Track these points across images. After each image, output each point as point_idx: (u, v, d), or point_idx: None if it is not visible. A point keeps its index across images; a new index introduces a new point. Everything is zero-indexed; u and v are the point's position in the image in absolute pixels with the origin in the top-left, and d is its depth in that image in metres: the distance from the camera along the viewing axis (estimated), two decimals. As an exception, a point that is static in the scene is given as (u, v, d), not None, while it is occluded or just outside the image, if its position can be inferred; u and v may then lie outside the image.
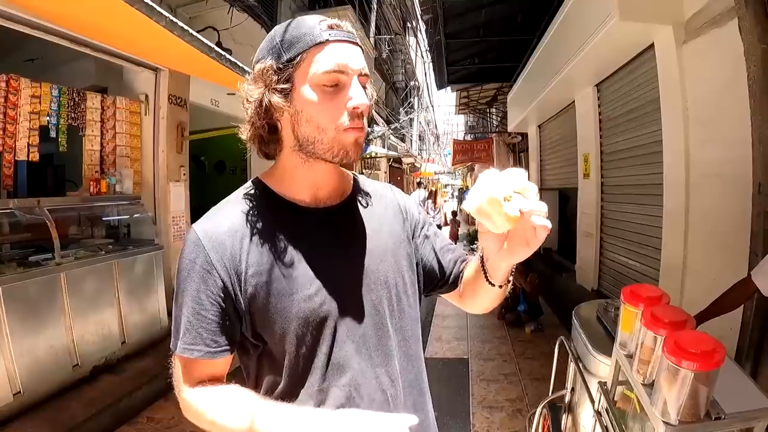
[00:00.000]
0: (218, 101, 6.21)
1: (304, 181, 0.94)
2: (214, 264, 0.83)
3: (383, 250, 0.97)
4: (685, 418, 1.22)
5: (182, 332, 0.84)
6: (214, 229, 0.86)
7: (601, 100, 4.96)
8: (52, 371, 3.17)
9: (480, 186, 0.71)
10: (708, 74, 2.82)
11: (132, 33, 2.80)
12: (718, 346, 1.18)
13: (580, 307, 2.41)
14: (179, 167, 4.99)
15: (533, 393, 3.68)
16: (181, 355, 0.85)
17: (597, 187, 5.10)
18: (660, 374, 1.28)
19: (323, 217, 0.94)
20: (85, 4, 2.27)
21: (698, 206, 2.95)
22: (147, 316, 4.16)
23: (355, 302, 0.90)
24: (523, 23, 6.41)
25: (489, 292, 0.93)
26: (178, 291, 0.86)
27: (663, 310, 1.41)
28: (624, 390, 1.65)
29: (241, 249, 0.85)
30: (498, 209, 0.69)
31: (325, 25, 0.84)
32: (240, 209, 0.90)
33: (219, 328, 0.84)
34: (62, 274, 3.28)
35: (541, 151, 8.52)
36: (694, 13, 2.86)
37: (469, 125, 21.21)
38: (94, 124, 4.07)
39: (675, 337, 1.22)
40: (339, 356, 0.87)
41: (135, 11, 2.04)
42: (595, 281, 5.25)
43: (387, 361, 0.92)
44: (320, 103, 0.83)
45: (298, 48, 0.83)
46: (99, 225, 4.28)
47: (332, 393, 0.86)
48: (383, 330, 0.93)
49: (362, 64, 0.86)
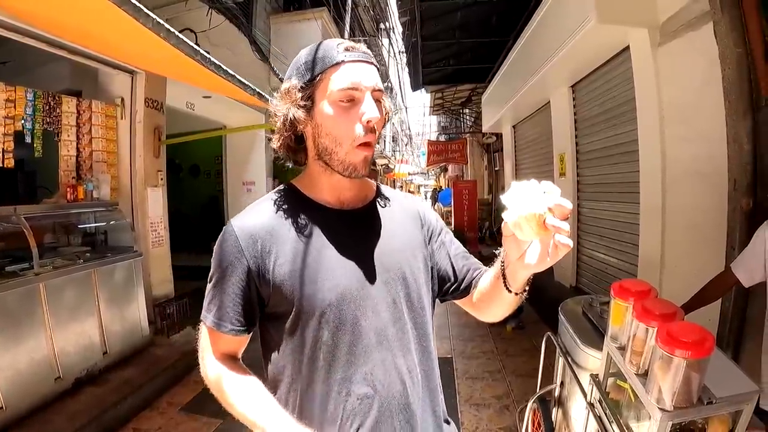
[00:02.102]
0: (194, 104, 6.13)
1: (328, 186, 1.03)
2: (245, 253, 0.94)
3: (401, 250, 1.04)
4: (680, 404, 1.29)
5: (214, 308, 0.96)
6: (247, 223, 0.97)
7: (577, 101, 5.09)
8: (34, 385, 3.08)
9: (519, 197, 0.75)
10: (683, 75, 2.93)
11: (113, 34, 2.75)
12: (707, 334, 1.25)
13: (565, 304, 2.47)
14: (156, 172, 4.90)
15: (519, 389, 3.74)
16: (210, 326, 0.97)
17: (573, 185, 5.22)
18: (654, 364, 1.34)
19: (347, 218, 1.03)
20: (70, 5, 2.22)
21: (675, 203, 3.06)
22: (128, 325, 4.06)
23: (375, 295, 0.97)
24: (498, 25, 6.52)
25: (504, 299, 0.97)
26: (213, 272, 0.98)
27: (653, 302, 1.47)
28: (616, 381, 1.71)
29: (270, 241, 0.95)
30: (532, 223, 0.74)
31: (342, 47, 0.94)
32: (271, 207, 1.01)
33: (243, 310, 0.96)
34: (41, 284, 3.18)
35: (516, 151, 8.66)
36: (669, 17, 2.98)
37: (442, 126, 21.37)
38: (69, 129, 3.96)
39: (667, 328, 1.28)
40: (361, 345, 0.94)
41: (121, 12, 2.01)
42: (573, 278, 5.38)
43: (405, 353, 0.99)
44: (337, 116, 0.93)
45: (318, 69, 0.94)
46: (76, 232, 4.16)
47: (355, 380, 0.94)
48: (401, 323, 1.00)
49: (375, 81, 0.95)
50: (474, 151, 14.70)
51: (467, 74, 9.27)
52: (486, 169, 14.11)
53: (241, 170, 8.00)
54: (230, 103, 5.96)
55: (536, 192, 0.75)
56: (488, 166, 13.66)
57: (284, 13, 8.02)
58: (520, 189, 0.76)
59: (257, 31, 6.98)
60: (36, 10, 2.54)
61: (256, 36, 6.64)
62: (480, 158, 14.69)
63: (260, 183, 7.93)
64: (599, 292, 3.60)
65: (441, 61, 8.81)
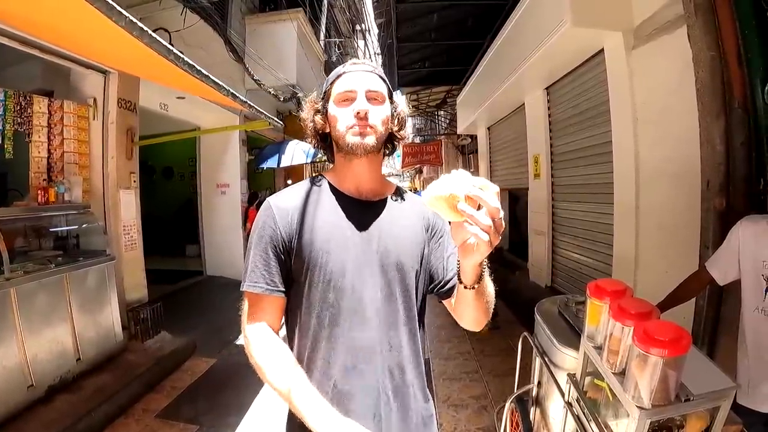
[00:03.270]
0: (167, 105, 6.01)
1: (349, 176, 1.23)
2: (278, 224, 1.15)
3: (403, 242, 1.20)
4: (658, 402, 1.32)
5: (249, 273, 1.14)
6: (281, 201, 1.19)
7: (551, 102, 5.18)
8: (5, 393, 2.97)
9: (444, 182, 0.84)
10: (656, 78, 3.01)
11: (85, 33, 2.68)
12: (683, 332, 1.29)
13: (542, 304, 2.50)
14: (129, 174, 4.80)
15: (496, 389, 3.78)
16: (247, 290, 1.14)
17: (548, 186, 5.31)
18: (631, 362, 1.37)
19: (363, 207, 1.22)
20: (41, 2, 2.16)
21: (648, 203, 3.14)
22: (101, 330, 3.96)
23: (374, 273, 1.14)
24: (474, 27, 6.57)
25: (463, 296, 1.09)
26: (250, 244, 1.17)
27: (629, 302, 1.51)
28: (593, 380, 1.75)
29: (299, 216, 1.16)
30: (442, 203, 0.84)
31: (350, 63, 1.24)
32: (303, 190, 1.23)
33: (277, 272, 1.14)
34: (12, 290, 3.07)
35: (490, 152, 8.75)
36: (643, 21, 3.06)
37: (417, 127, 21.42)
38: (41, 130, 3.83)
39: (644, 327, 1.32)
40: (358, 312, 1.12)
41: (93, 10, 1.96)
42: (549, 278, 5.47)
43: (395, 329, 1.16)
44: (338, 113, 1.18)
45: (330, 81, 1.23)
46: (47, 236, 4.03)
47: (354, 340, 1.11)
48: (394, 304, 1.16)
49: (369, 83, 1.19)
50: (449, 152, 14.79)
51: (442, 76, 9.34)
52: (461, 171, 14.18)
53: (216, 172, 7.87)
54: (204, 104, 5.87)
55: (461, 180, 0.82)
56: (463, 168, 13.74)
57: (260, 14, 7.94)
58: (450, 176, 0.84)
59: (232, 32, 6.89)
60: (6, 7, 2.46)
61: (231, 36, 6.56)
62: (455, 160, 14.78)
63: (234, 185, 7.82)
64: (574, 291, 3.67)
65: (416, 63, 8.85)
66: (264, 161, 8.13)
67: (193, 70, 3.07)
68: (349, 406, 1.09)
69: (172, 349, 4.44)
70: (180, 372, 4.26)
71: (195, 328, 5.06)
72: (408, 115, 1.41)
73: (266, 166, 8.22)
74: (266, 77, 7.21)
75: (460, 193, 0.81)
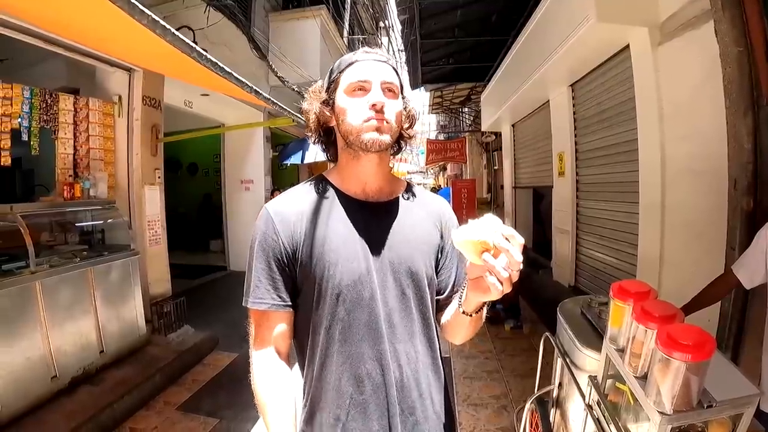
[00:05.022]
0: (192, 102, 6.12)
1: (355, 176, 1.14)
2: (279, 234, 1.06)
3: (414, 246, 1.13)
4: (679, 407, 1.27)
5: (252, 289, 1.06)
6: (281, 208, 1.10)
7: (576, 100, 5.08)
8: (30, 384, 3.06)
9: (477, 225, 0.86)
10: (683, 74, 2.92)
11: (109, 31, 2.72)
12: (708, 337, 1.23)
13: (564, 304, 2.46)
14: (154, 170, 4.88)
15: (517, 389, 3.73)
16: (251, 307, 1.07)
17: (572, 184, 5.21)
18: (653, 366, 1.32)
19: (370, 209, 1.13)
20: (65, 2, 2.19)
21: (674, 201, 3.05)
22: (125, 324, 4.05)
23: (385, 282, 1.07)
24: (498, 24, 6.50)
25: (461, 321, 1.06)
26: (251, 256, 1.09)
27: (653, 304, 1.45)
28: (615, 383, 1.70)
29: (301, 224, 1.07)
30: (470, 247, 0.86)
31: (361, 51, 1.11)
32: (303, 194, 1.14)
33: (282, 286, 1.07)
34: (37, 283, 3.16)
35: (515, 149, 8.65)
36: (669, 16, 2.96)
37: (441, 125, 21.34)
38: (66, 127, 3.93)
39: (667, 330, 1.26)
40: (371, 325, 1.05)
41: (116, 9, 1.98)
42: (572, 277, 5.37)
43: (410, 338, 1.10)
44: (350, 104, 1.07)
45: (338, 69, 1.11)
46: (73, 231, 4.14)
47: (365, 356, 1.05)
48: (408, 311, 1.10)
49: (384, 74, 1.09)
50: (473, 149, 14.67)
51: (466, 73, 9.27)
52: (485, 168, 14.08)
53: (240, 168, 7.97)
54: (228, 101, 5.95)
55: (491, 228, 0.85)
56: (487, 165, 13.63)
57: (283, 11, 7.99)
58: (481, 221, 0.87)
59: (256, 29, 6.95)
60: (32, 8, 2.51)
61: (254, 34, 6.61)
62: (479, 157, 14.65)
63: (258, 181, 7.91)
64: (598, 291, 3.59)
65: (440, 60, 8.80)
66: (288, 157, 8.21)
67: (216, 67, 3.09)
68: (365, 420, 1.05)
69: (195, 343, 4.51)
70: (202, 366, 4.32)
71: (217, 323, 5.12)
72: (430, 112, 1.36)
73: (290, 162, 8.31)
74: (290, 74, 7.24)
75: (489, 241, 0.84)
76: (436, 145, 15.68)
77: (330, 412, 1.06)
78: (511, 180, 8.82)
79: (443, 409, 1.17)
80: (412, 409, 1.08)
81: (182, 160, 10.08)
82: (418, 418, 1.09)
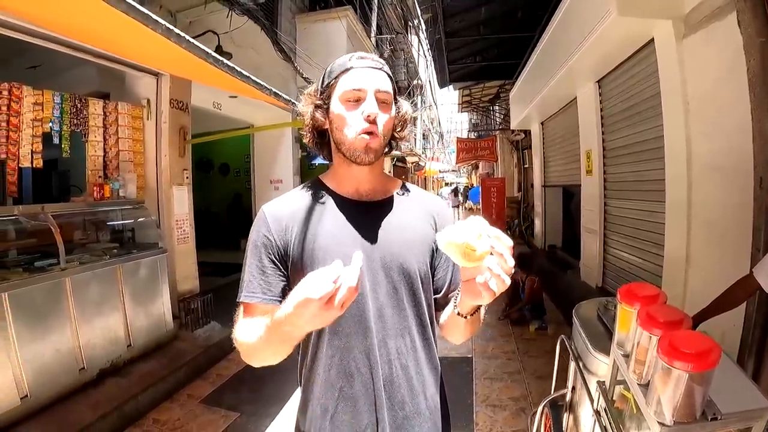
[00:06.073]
0: (220, 104, 6.23)
1: (347, 178, 1.17)
2: (273, 233, 1.10)
3: (407, 243, 1.14)
4: (681, 419, 1.22)
5: (245, 284, 1.09)
6: (275, 209, 1.14)
7: (603, 96, 4.95)
8: (58, 375, 3.21)
9: (460, 228, 0.84)
10: (708, 68, 2.80)
11: (130, 40, 2.82)
12: (713, 346, 1.17)
13: (580, 306, 2.41)
14: (182, 171, 5.02)
15: (537, 391, 3.67)
16: (243, 301, 1.09)
17: (599, 183, 5.09)
18: (655, 374, 1.27)
19: (363, 208, 1.15)
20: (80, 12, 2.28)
21: (699, 200, 2.93)
22: (152, 320, 4.19)
23: (377, 278, 1.09)
24: (523, 20, 6.39)
25: (457, 322, 1.06)
26: (246, 254, 1.13)
27: (659, 309, 1.40)
28: (622, 390, 1.65)
29: (293, 223, 1.11)
30: (454, 249, 0.83)
31: (356, 57, 1.12)
32: (297, 196, 1.18)
33: (273, 281, 1.09)
34: (67, 279, 3.31)
35: (544, 147, 8.51)
36: (693, 7, 2.84)
37: (473, 123, 21.14)
38: (96, 130, 4.09)
39: (669, 338, 1.21)
40: (361, 320, 1.07)
41: (131, 20, 2.05)
42: (600, 278, 5.24)
43: (402, 334, 1.11)
44: (344, 112, 1.09)
45: (333, 75, 1.12)
46: (104, 229, 4.31)
47: (354, 349, 1.07)
48: (400, 307, 1.11)
49: (378, 83, 1.09)
50: (504, 148, 14.47)
51: (494, 71, 9.14)
52: (516, 167, 13.87)
53: (269, 168, 8.09)
54: (256, 103, 6.03)
55: (475, 229, 0.83)
56: (518, 164, 13.44)
57: (310, 13, 8.05)
58: (465, 223, 0.85)
59: (282, 31, 7.03)
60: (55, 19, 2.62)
61: (280, 36, 6.70)
62: (510, 155, 14.45)
63: (287, 181, 8.00)
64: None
65: (467, 58, 8.71)
66: (316, 157, 8.28)
67: (233, 71, 3.17)
68: (354, 412, 1.08)
69: (220, 339, 4.61)
70: (226, 361, 4.43)
71: (243, 320, 5.21)
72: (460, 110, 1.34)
73: (318, 161, 8.38)
74: (318, 75, 7.28)
75: (473, 243, 0.82)
76: (467, 144, 15.57)
77: (319, 403, 1.10)
78: (541, 178, 8.67)
79: (438, 405, 1.18)
80: (401, 404, 1.10)
81: (214, 161, 10.29)
82: (408, 412, 1.10)
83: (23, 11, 2.60)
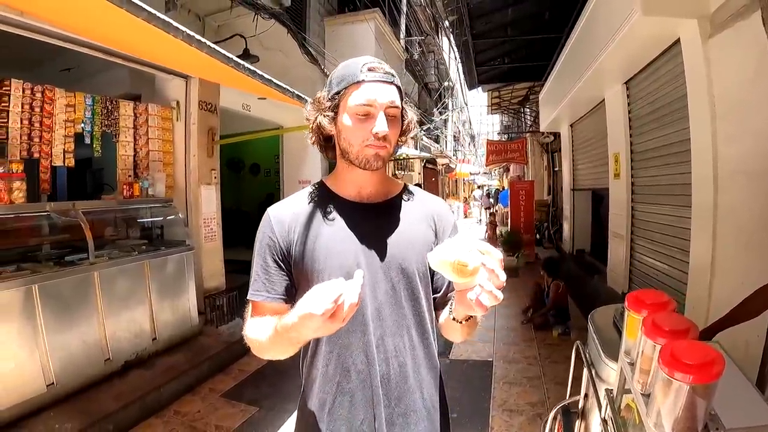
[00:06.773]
0: (250, 106, 6.36)
1: (350, 181, 1.19)
2: (276, 235, 1.14)
3: (408, 245, 1.16)
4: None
5: (252, 282, 1.15)
6: (279, 212, 1.18)
7: (631, 98, 4.83)
8: (84, 365, 3.35)
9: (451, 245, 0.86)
10: (734, 69, 2.71)
11: (156, 46, 2.92)
12: (717, 357, 1.13)
13: (597, 311, 2.35)
14: (210, 170, 5.15)
15: (555, 397, 3.60)
16: (250, 299, 1.15)
17: (627, 187, 4.97)
18: (655, 385, 1.24)
19: (365, 210, 1.18)
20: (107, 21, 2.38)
21: (726, 204, 2.84)
22: (178, 314, 4.32)
23: (376, 278, 1.11)
24: (551, 21, 6.29)
25: (452, 323, 1.07)
26: (253, 254, 1.18)
27: (665, 317, 1.36)
28: (630, 399, 1.61)
29: (295, 224, 1.15)
30: (446, 266, 0.85)
31: (366, 68, 1.09)
32: (301, 199, 1.21)
33: (278, 280, 1.14)
34: (96, 273, 3.46)
35: (573, 150, 8.36)
36: (719, 6, 2.75)
37: (504, 125, 20.90)
38: (127, 131, 4.25)
39: (672, 347, 1.18)
40: (359, 318, 1.08)
41: (152, 27, 2.13)
42: (626, 284, 5.11)
43: (401, 332, 1.13)
44: (353, 127, 1.09)
45: (342, 85, 1.10)
46: (133, 226, 4.47)
47: (353, 346, 1.10)
48: (399, 306, 1.14)
49: (390, 99, 1.09)
50: (534, 150, 14.25)
51: (523, 72, 9.03)
52: (546, 170, 13.63)
53: (297, 169, 8.19)
54: (285, 105, 6.11)
55: (467, 246, 0.84)
56: (548, 167, 13.21)
57: (338, 15, 8.13)
58: (456, 240, 0.87)
59: (311, 34, 7.12)
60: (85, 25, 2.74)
61: (308, 38, 6.78)
62: (540, 158, 14.22)
63: (315, 181, 8.09)
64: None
65: (495, 59, 8.63)
66: (344, 158, 8.35)
67: (255, 75, 3.24)
68: (351, 407, 1.11)
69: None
70: (249, 357, 4.49)
71: (267, 317, 5.30)
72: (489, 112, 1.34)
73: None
74: (345, 79, 7.33)
75: (465, 260, 0.83)
76: (496, 146, 15.41)
77: (318, 397, 1.13)
78: (570, 182, 8.51)
79: (436, 404, 1.20)
80: (398, 401, 1.12)
81: (245, 161, 10.51)
82: (404, 409, 1.12)
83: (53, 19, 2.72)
